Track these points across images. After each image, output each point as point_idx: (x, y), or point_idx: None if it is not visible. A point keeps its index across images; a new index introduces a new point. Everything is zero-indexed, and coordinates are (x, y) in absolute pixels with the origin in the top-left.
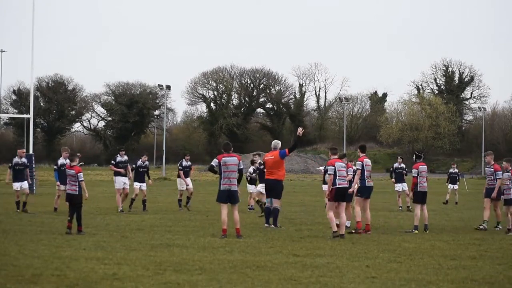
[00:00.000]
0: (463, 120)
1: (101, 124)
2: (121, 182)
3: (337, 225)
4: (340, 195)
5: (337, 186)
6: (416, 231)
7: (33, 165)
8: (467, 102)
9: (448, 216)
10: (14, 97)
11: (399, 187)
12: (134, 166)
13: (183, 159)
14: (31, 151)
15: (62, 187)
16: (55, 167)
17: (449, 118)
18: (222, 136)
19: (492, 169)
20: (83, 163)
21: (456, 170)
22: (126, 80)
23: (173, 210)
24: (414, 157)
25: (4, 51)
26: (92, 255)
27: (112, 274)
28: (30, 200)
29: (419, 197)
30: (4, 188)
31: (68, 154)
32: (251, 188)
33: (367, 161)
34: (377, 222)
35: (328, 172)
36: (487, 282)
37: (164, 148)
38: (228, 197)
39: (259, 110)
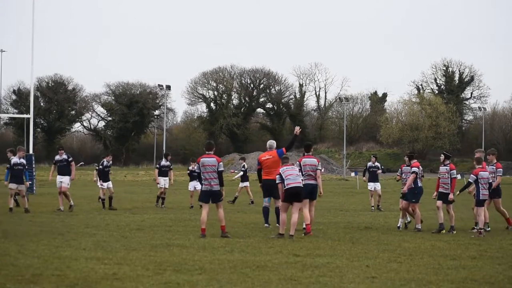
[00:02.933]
0: (463, 120)
1: (101, 124)
2: (59, 181)
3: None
4: (291, 196)
5: (287, 187)
6: (454, 232)
7: (33, 165)
8: (467, 102)
9: (448, 216)
10: (14, 97)
11: (371, 186)
12: (101, 166)
13: (163, 159)
14: (31, 151)
15: (13, 186)
16: (7, 165)
17: (449, 118)
18: (222, 136)
19: (494, 167)
20: (83, 163)
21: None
22: (126, 80)
23: (173, 210)
24: (442, 157)
25: (4, 51)
26: (92, 255)
27: (112, 274)
28: (31, 200)
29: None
30: (4, 188)
31: (24, 153)
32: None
33: (483, 174)
34: (377, 222)
35: (277, 181)
36: (487, 282)
37: (164, 148)
38: (211, 197)
39: (259, 110)
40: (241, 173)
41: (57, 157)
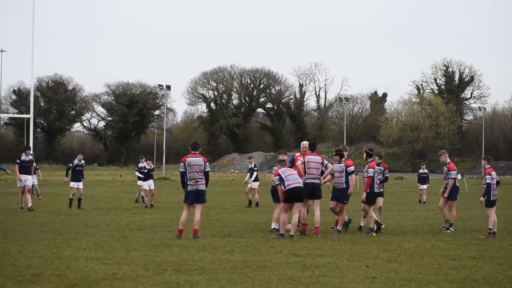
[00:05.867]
0: (463, 120)
1: (101, 124)
2: (24, 180)
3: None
4: (292, 196)
5: (287, 188)
6: (374, 234)
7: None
8: (467, 102)
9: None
10: (14, 97)
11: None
12: (70, 165)
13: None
14: (31, 151)
15: None
16: None
17: (449, 118)
18: (222, 136)
19: (446, 168)
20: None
21: (426, 171)
22: (126, 80)
23: (173, 210)
24: (365, 155)
25: (4, 51)
26: (92, 255)
27: (112, 274)
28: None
29: (373, 199)
30: (4, 188)
31: None
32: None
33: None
34: None
35: (276, 183)
36: (487, 282)
37: (164, 148)
38: (196, 197)
39: (259, 110)
40: (252, 173)
41: (24, 157)
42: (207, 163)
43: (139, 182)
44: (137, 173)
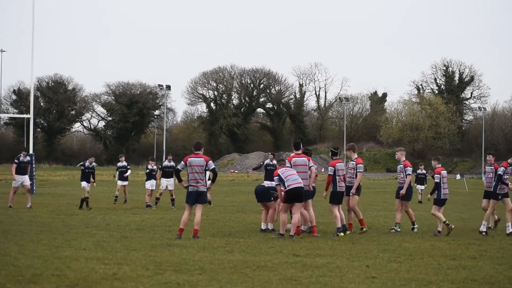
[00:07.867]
0: (463, 120)
1: (101, 124)
2: (20, 180)
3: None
4: (292, 196)
5: (288, 188)
6: (342, 234)
7: (33, 165)
8: (467, 102)
9: (448, 216)
10: (14, 97)
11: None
12: (82, 167)
13: (166, 159)
14: (31, 151)
15: None
16: None
17: (449, 118)
18: (222, 136)
19: (402, 165)
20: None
21: (424, 171)
22: (126, 80)
23: (173, 210)
24: (330, 153)
25: (4, 51)
26: (92, 255)
27: (112, 274)
28: (32, 200)
29: (337, 198)
30: (5, 188)
31: None
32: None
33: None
34: (377, 222)
35: (275, 183)
36: (487, 282)
37: (164, 148)
38: (197, 197)
39: (259, 110)
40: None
41: (22, 158)
42: (210, 161)
43: (119, 182)
44: (116, 173)
